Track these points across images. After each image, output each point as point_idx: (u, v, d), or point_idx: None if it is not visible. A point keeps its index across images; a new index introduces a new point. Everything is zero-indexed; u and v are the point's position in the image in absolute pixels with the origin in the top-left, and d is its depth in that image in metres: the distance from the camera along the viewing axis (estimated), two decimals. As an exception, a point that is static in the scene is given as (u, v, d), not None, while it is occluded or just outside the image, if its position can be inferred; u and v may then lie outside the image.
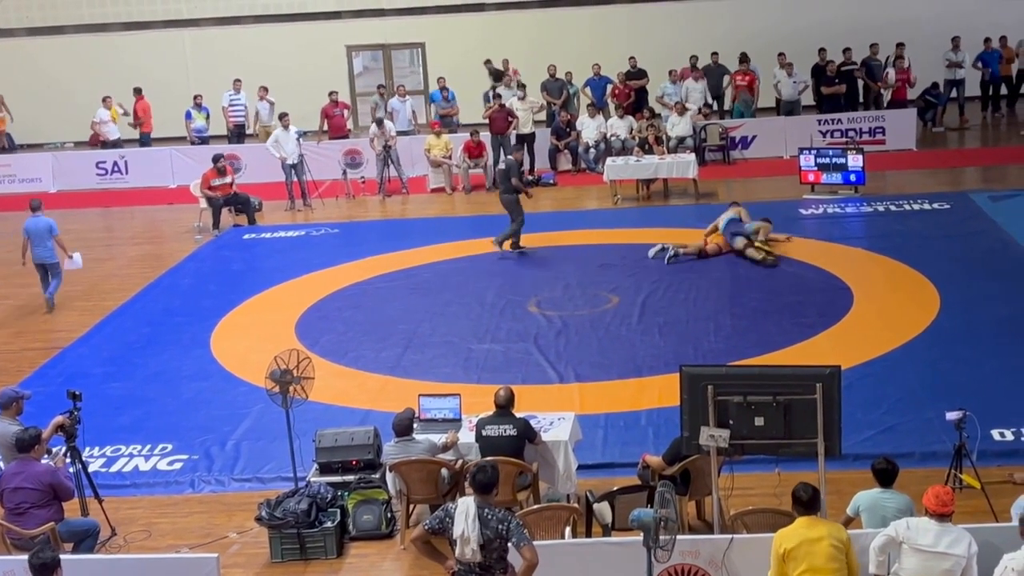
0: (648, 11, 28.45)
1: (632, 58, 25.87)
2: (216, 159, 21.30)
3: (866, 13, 27.42)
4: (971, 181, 21.80)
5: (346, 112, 25.88)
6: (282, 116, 22.71)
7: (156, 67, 28.25)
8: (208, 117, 25.90)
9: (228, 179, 21.11)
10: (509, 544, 7.55)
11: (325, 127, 25.11)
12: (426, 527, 7.73)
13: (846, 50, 25.33)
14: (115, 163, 25.41)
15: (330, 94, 25.36)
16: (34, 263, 17.02)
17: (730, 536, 8.30)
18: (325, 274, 17.90)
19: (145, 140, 26.27)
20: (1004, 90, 26.70)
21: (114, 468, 11.74)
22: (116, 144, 25.99)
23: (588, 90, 25.71)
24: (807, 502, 7.98)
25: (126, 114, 26.00)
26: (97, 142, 26.33)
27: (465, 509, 7.48)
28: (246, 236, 20.72)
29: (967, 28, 26.03)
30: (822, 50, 25.30)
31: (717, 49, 25.93)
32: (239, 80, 25.94)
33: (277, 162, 22.50)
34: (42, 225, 16.93)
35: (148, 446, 12.15)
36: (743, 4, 28.27)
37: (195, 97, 25.98)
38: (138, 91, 26.18)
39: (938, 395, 11.77)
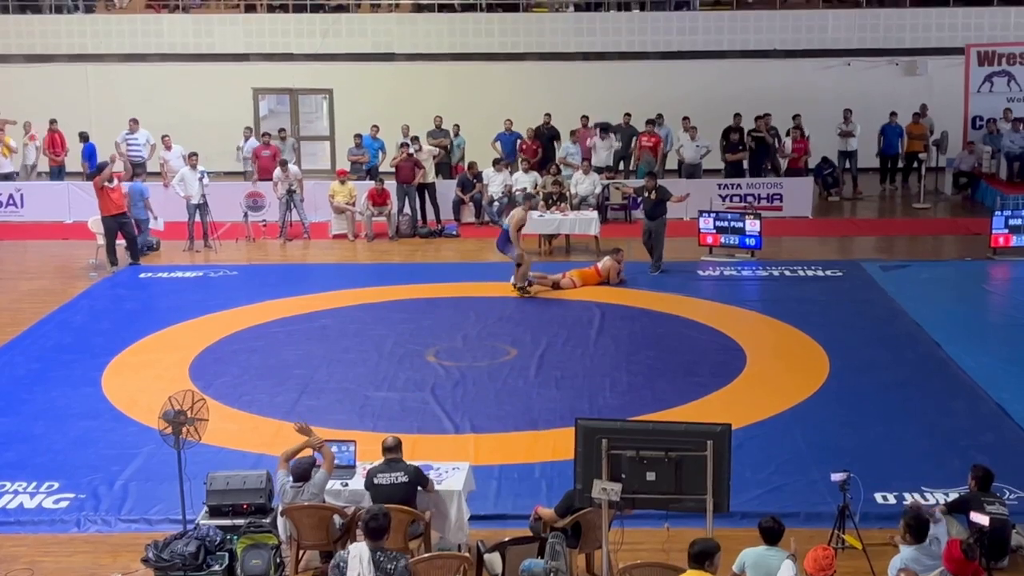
0: (561, 69, 28.75)
1: (547, 115, 26.17)
2: (101, 166, 20.81)
3: (776, 83, 28.09)
4: (864, 250, 22.32)
5: (272, 154, 24.89)
6: (190, 155, 22.56)
7: (56, 101, 27.77)
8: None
9: (115, 184, 20.50)
10: None
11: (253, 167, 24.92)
12: None
13: (758, 117, 25.87)
14: (11, 196, 24.92)
15: (262, 135, 25.40)
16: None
17: (618, 589, 8.40)
18: (222, 316, 17.73)
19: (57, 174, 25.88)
20: (900, 163, 27.41)
21: (-3, 505, 11.51)
22: (8, 178, 25.49)
23: (498, 144, 25.93)
24: (695, 555, 8.17)
25: (15, 151, 25.56)
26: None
27: (359, 554, 7.49)
28: (142, 275, 20.42)
29: (868, 104, 26.79)
30: (737, 115, 25.80)
31: (630, 110, 26.30)
32: (136, 120, 25.67)
33: (177, 202, 22.30)
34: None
35: (34, 483, 11.89)
36: (657, 68, 28.71)
37: (80, 134, 25.71)
38: (53, 122, 25.79)
39: (824, 457, 12.01)
